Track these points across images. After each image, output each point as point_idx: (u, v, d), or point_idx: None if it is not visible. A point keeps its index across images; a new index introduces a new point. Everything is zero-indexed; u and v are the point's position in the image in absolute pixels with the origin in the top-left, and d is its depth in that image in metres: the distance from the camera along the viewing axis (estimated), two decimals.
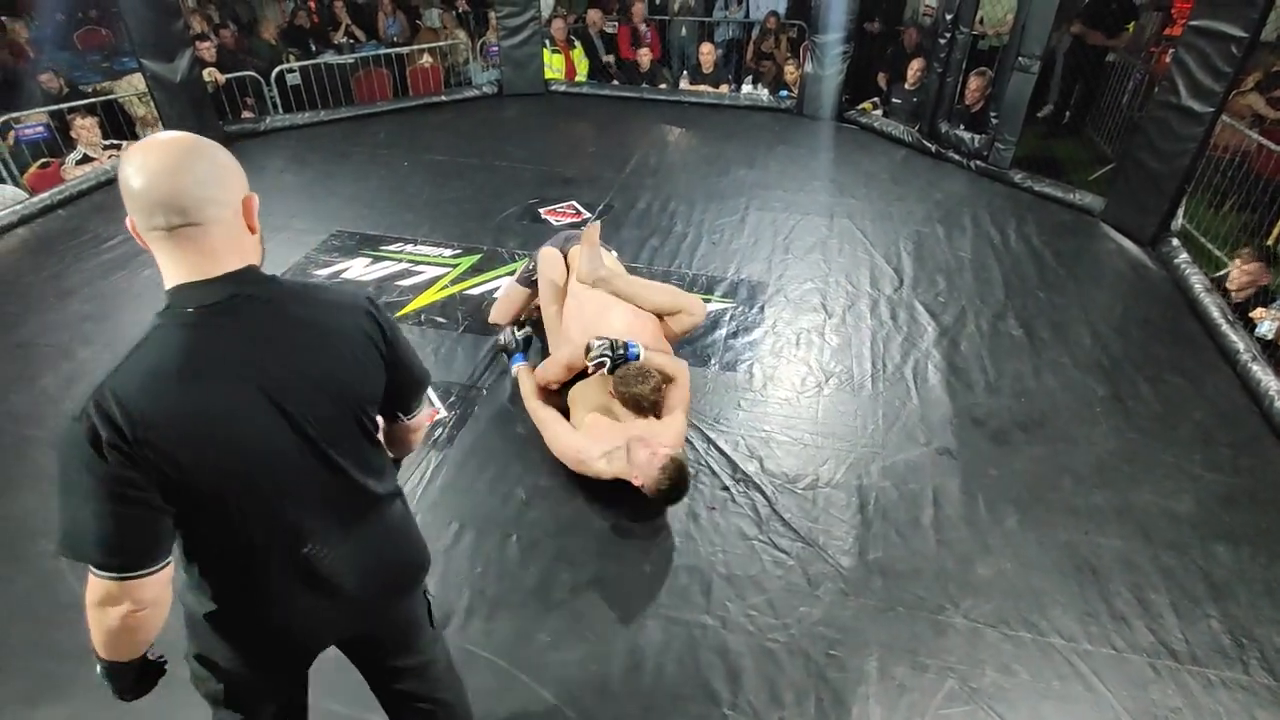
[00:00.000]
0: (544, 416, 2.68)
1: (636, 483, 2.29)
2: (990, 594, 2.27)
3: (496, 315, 3.35)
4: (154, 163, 1.08)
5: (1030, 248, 4.28)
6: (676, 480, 2.24)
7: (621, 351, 2.60)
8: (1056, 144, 6.09)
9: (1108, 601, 2.25)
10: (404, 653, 1.50)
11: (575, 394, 2.74)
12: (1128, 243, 4.34)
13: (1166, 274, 3.99)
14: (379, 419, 1.33)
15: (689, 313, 2.90)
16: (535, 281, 3.13)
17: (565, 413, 2.72)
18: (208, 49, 5.99)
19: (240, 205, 1.17)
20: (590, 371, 2.65)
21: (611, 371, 2.60)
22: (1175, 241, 4.12)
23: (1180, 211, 4.28)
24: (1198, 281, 3.73)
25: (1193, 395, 3.11)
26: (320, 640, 1.36)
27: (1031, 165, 5.17)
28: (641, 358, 2.61)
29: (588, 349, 2.61)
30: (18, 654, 2.04)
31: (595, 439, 2.49)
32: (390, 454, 1.42)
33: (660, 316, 2.89)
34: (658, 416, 2.57)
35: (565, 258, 3.09)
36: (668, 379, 2.64)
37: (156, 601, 1.13)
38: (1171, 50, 4.31)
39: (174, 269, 1.10)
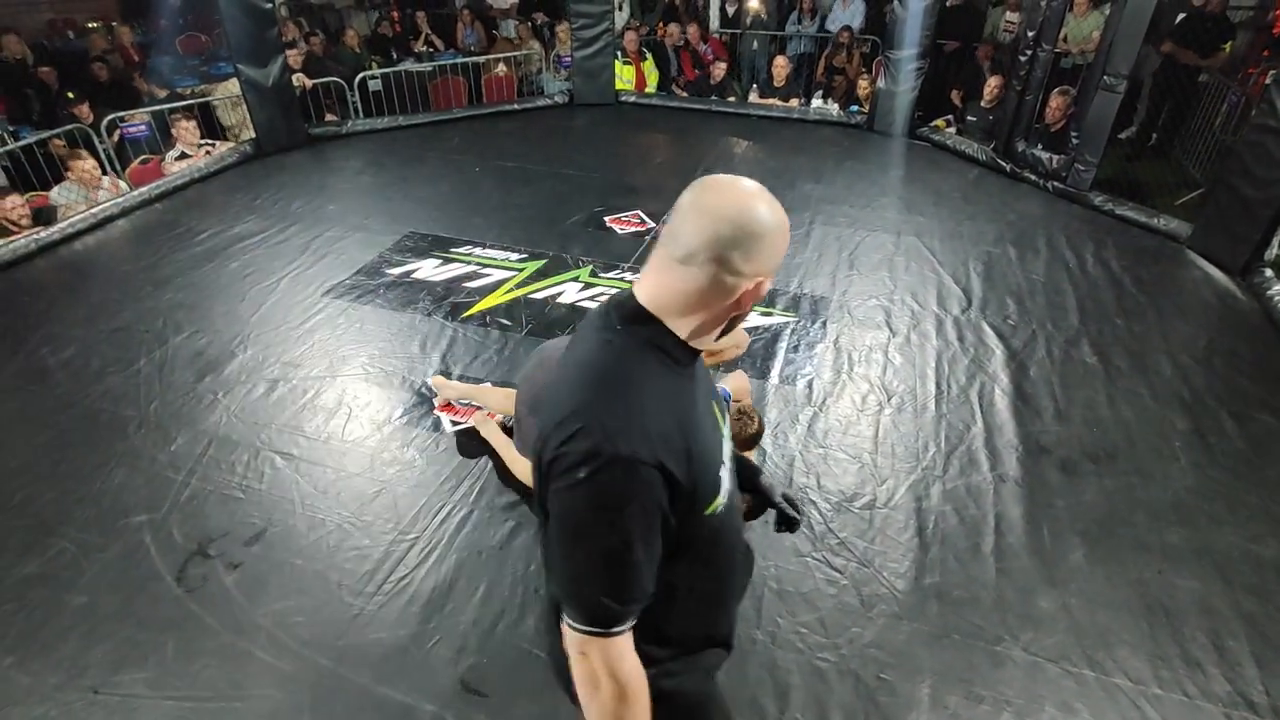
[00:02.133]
0: None
1: None
2: (1052, 628, 2.19)
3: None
4: (780, 213, 1.01)
5: (1109, 273, 4.13)
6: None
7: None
8: (1141, 167, 5.85)
9: (1181, 645, 2.15)
10: None
11: None
12: (1216, 271, 4.14)
13: (1258, 305, 3.79)
14: None
15: (736, 345, 2.72)
16: None
17: None
18: (295, 55, 6.30)
19: None
20: None
21: None
22: (1269, 272, 3.91)
23: (1276, 241, 4.06)
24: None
25: None
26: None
27: (1113, 188, 4.98)
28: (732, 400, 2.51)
29: None
30: (106, 620, 2.17)
31: None
32: None
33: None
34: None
35: None
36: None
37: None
38: (1272, 71, 4.10)
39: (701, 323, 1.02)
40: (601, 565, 0.95)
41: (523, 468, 2.51)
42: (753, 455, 2.60)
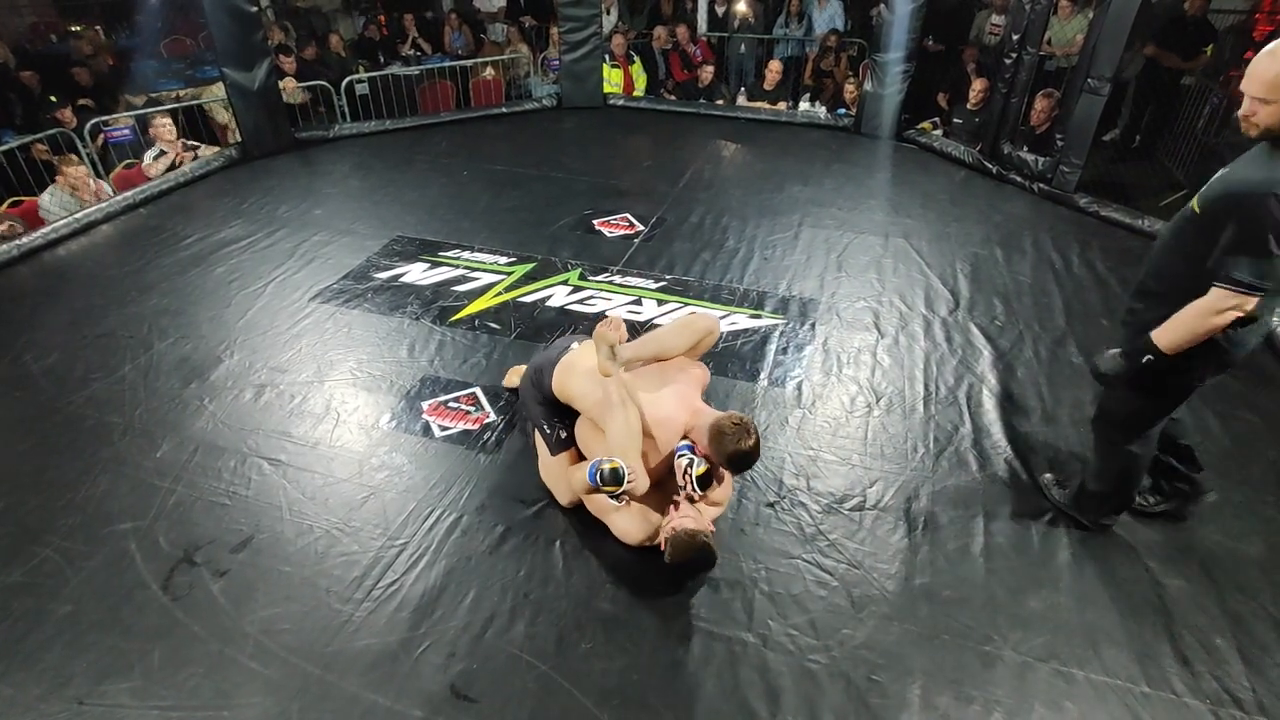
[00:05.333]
0: (602, 508, 2.43)
1: (658, 540, 2.28)
2: (1041, 628, 2.21)
3: (563, 497, 2.60)
4: None
5: (1094, 274, 4.16)
6: (677, 556, 2.17)
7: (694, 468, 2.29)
8: (1125, 168, 5.90)
9: (1169, 644, 2.16)
10: None
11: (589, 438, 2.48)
12: None
13: None
14: None
15: (710, 333, 2.60)
16: (567, 439, 2.57)
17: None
18: (290, 63, 6.27)
19: None
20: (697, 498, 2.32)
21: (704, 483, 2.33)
22: None
23: None
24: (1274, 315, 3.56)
25: (1266, 434, 2.98)
26: None
27: (1098, 189, 5.02)
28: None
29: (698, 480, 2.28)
30: (90, 630, 2.14)
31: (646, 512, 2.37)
32: None
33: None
34: None
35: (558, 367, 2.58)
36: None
37: None
38: None
39: None
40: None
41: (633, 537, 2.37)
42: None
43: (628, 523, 2.36)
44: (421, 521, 2.51)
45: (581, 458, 2.52)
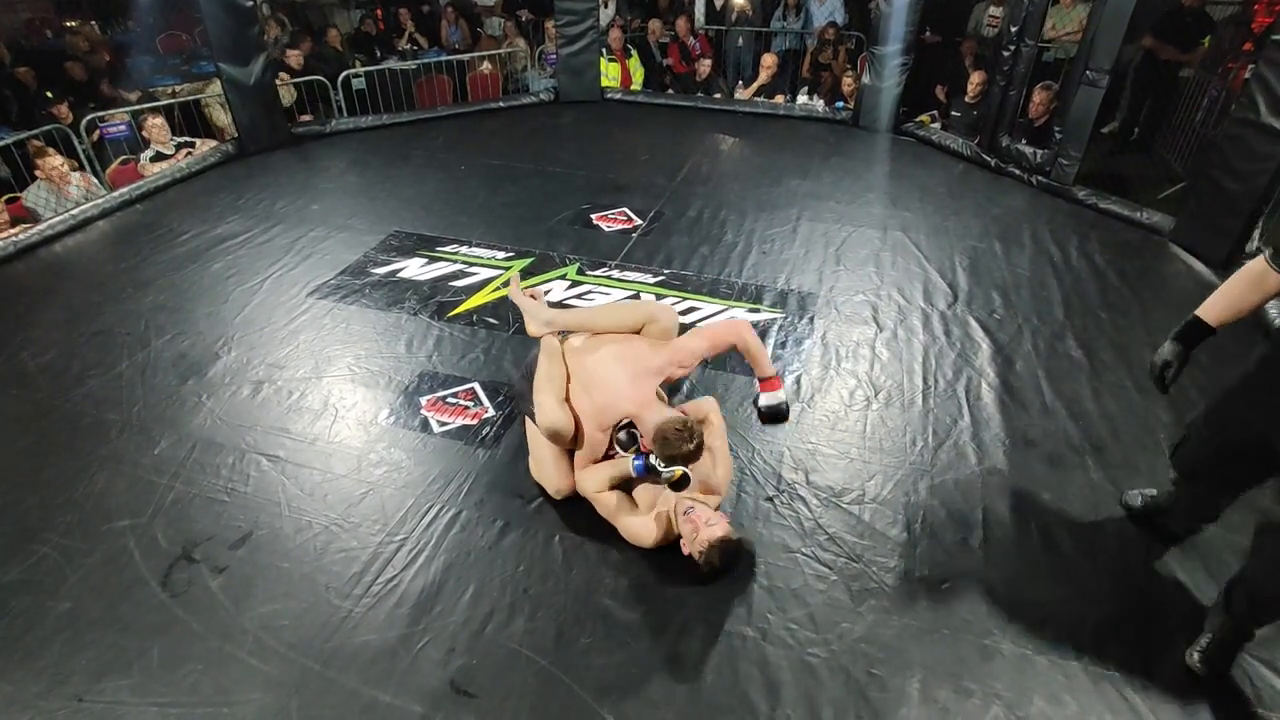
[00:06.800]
0: (613, 510, 2.41)
1: (683, 547, 2.26)
2: (1041, 620, 2.21)
3: (557, 482, 2.56)
4: None
5: (1093, 266, 4.16)
6: (717, 565, 2.19)
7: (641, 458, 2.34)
8: (1123, 161, 5.90)
9: (1168, 636, 2.17)
10: None
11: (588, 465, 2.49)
12: (1198, 264, 4.18)
13: None
14: None
15: (654, 320, 2.62)
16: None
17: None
18: (295, 57, 6.25)
19: None
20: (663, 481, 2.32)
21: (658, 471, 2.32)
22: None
23: (1256, 233, 4.11)
24: (1272, 306, 3.56)
25: None
26: None
27: (1096, 182, 5.02)
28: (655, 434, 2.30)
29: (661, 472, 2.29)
30: (89, 627, 2.14)
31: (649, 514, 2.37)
32: None
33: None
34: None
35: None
36: (701, 421, 2.44)
37: None
38: (1251, 66, 4.14)
39: None
40: None
41: (642, 539, 2.36)
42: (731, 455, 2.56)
43: (640, 526, 2.35)
44: (420, 517, 2.51)
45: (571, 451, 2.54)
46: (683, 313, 3.66)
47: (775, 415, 2.60)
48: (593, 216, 4.71)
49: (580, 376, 2.50)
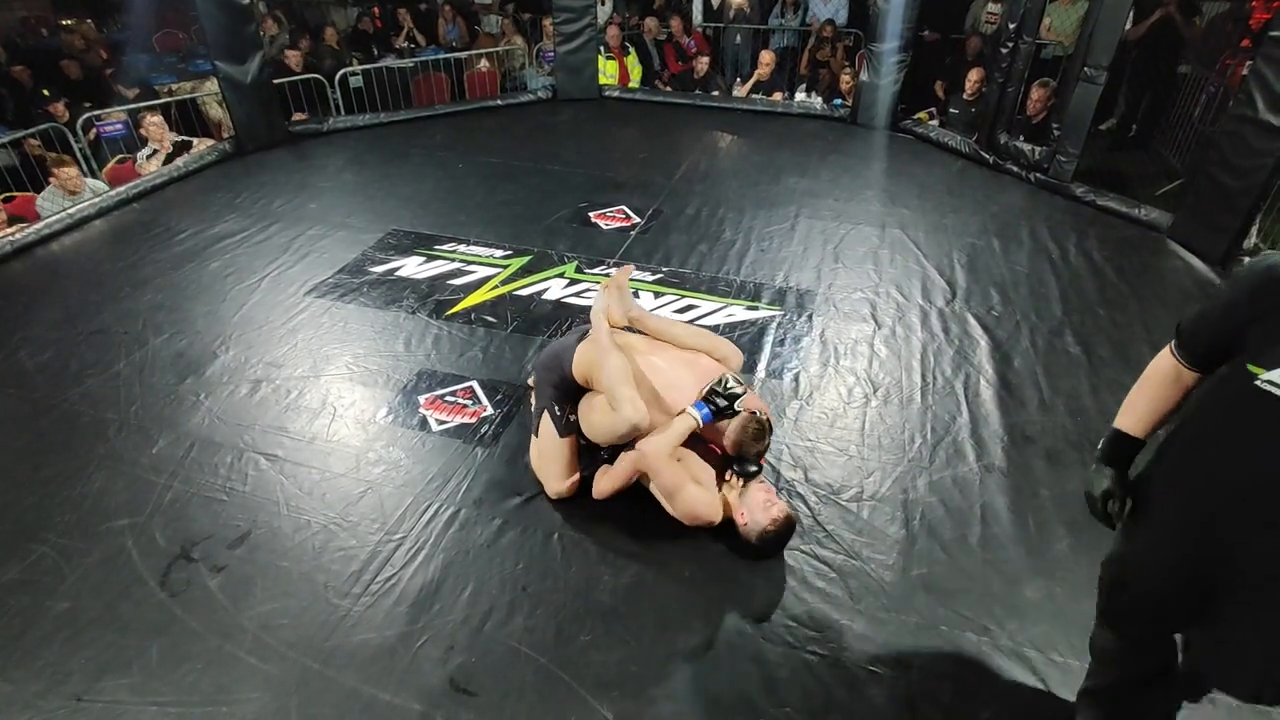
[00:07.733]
0: (680, 480, 2.34)
1: (740, 520, 2.28)
2: (1038, 618, 2.21)
3: (555, 483, 2.57)
4: None
5: (1091, 263, 4.16)
6: (785, 535, 2.26)
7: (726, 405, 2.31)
8: (1121, 158, 5.90)
9: None
10: None
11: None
12: (1196, 261, 4.18)
13: None
14: None
15: (720, 349, 2.60)
16: (575, 422, 2.54)
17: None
18: (296, 57, 6.24)
19: None
20: (734, 479, 2.37)
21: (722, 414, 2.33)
22: (1247, 260, 3.95)
23: (1254, 230, 4.11)
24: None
25: None
26: None
27: (1094, 179, 5.02)
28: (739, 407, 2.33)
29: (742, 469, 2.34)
30: (88, 626, 2.14)
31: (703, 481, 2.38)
32: None
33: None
34: None
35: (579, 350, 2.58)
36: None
37: None
38: (1249, 62, 4.15)
39: None
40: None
41: (698, 512, 2.34)
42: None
43: (707, 498, 2.31)
44: (419, 516, 2.51)
45: (583, 446, 2.55)
46: (681, 310, 3.67)
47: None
48: (591, 214, 4.71)
49: (650, 375, 2.44)
